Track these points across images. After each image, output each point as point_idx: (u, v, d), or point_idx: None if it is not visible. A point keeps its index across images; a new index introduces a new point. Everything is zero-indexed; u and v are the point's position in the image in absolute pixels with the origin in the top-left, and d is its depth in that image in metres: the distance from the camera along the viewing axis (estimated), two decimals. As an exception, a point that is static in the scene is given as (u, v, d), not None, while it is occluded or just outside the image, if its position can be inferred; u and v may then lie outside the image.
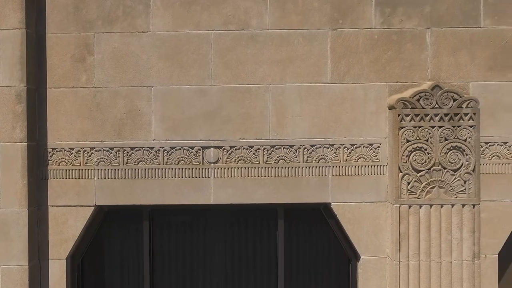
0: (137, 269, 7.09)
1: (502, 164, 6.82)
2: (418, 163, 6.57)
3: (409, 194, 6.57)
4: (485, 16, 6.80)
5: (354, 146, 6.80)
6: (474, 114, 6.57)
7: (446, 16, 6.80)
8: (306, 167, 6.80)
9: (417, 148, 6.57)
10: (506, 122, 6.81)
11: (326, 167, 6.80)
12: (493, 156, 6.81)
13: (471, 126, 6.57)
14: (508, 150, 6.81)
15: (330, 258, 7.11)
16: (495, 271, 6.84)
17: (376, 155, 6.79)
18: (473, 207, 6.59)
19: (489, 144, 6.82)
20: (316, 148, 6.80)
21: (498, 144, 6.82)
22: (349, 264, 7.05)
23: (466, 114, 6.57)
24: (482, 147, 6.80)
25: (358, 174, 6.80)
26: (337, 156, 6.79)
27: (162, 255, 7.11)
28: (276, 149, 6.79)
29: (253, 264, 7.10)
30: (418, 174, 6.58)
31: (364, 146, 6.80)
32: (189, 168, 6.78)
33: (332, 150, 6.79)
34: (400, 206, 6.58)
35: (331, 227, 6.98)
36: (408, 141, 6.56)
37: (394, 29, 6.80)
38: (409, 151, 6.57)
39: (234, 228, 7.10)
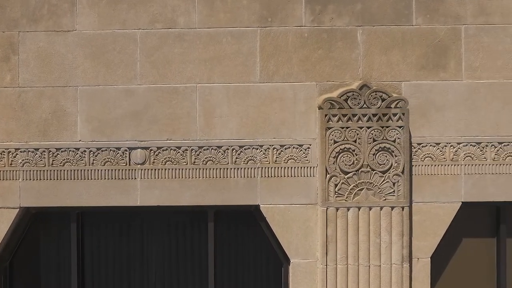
0: (68, 272, 6.96)
1: (435, 165, 6.66)
2: (345, 165, 6.42)
3: (336, 197, 6.43)
4: (417, 14, 6.65)
5: (284, 147, 6.66)
6: (403, 114, 6.43)
7: (378, 14, 6.66)
8: (234, 169, 6.66)
9: (345, 149, 6.43)
10: (439, 123, 6.66)
11: (255, 168, 6.66)
12: (426, 157, 6.66)
13: (400, 127, 6.43)
14: (441, 151, 6.66)
15: (263, 261, 6.97)
16: (428, 275, 6.69)
17: (306, 157, 6.65)
18: (402, 209, 6.45)
19: (422, 145, 6.66)
20: (245, 149, 6.66)
21: (430, 145, 6.66)
22: (282, 267, 6.91)
23: (395, 115, 6.43)
24: (414, 148, 6.65)
25: (288, 176, 6.66)
26: (266, 157, 6.66)
27: (92, 257, 6.99)
28: (204, 150, 6.66)
29: (185, 269, 6.97)
30: (346, 176, 6.44)
31: (293, 147, 6.66)
32: (115, 169, 6.66)
33: (261, 151, 6.66)
34: (327, 208, 6.44)
35: (263, 229, 6.84)
36: (335, 142, 6.42)
37: (324, 27, 6.66)
38: (336, 152, 6.43)
39: (165, 230, 6.97)
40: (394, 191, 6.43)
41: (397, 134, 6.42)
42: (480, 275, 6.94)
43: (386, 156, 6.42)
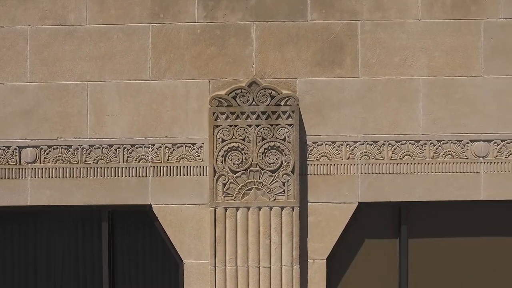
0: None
1: (331, 164, 6.51)
2: (234, 164, 6.28)
3: (225, 196, 6.29)
4: (312, 10, 6.49)
5: (176, 146, 6.52)
6: (293, 112, 6.28)
7: (272, 9, 6.50)
8: (126, 168, 6.53)
9: (233, 147, 6.29)
10: (335, 121, 6.50)
11: (146, 167, 6.53)
12: (322, 156, 6.51)
13: (290, 125, 6.28)
14: (337, 150, 6.50)
15: (159, 262, 6.83)
16: (324, 277, 6.54)
17: (199, 155, 6.51)
18: (293, 210, 6.30)
19: (317, 143, 6.51)
20: (136, 148, 6.53)
21: (326, 144, 6.51)
22: (179, 268, 6.77)
23: (284, 112, 6.28)
24: (310, 146, 6.49)
25: (181, 175, 6.52)
26: (158, 156, 6.52)
27: (-12, 258, 6.90)
28: (95, 148, 6.53)
29: (78, 270, 6.84)
30: (235, 175, 6.29)
31: (186, 146, 6.52)
32: (5, 169, 6.54)
33: (153, 150, 6.52)
34: (215, 208, 6.30)
35: (158, 230, 6.70)
36: (223, 140, 6.28)
37: (217, 23, 6.51)
38: (225, 151, 6.29)
39: (58, 231, 6.83)
40: (284, 191, 6.28)
41: (286, 132, 6.27)
42: (382, 276, 6.78)
43: (275, 155, 6.28)
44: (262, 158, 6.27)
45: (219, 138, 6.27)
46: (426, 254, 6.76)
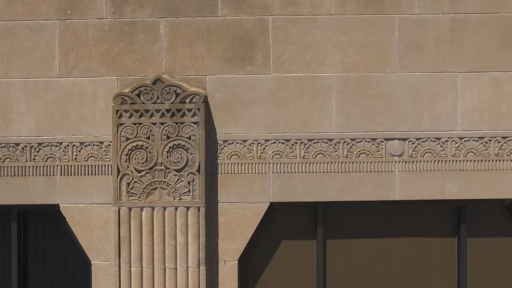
0: None
1: (242, 163, 6.35)
2: (138, 163, 6.14)
3: (129, 196, 6.15)
4: (222, 5, 6.34)
5: (84, 145, 6.39)
6: (198, 109, 6.13)
7: (182, 5, 6.36)
8: (33, 167, 6.41)
9: (138, 146, 6.14)
10: (246, 119, 6.35)
11: (54, 166, 6.40)
12: (233, 155, 6.35)
13: (195, 123, 6.13)
14: (248, 149, 6.35)
15: (70, 263, 6.69)
16: (235, 278, 6.38)
17: (107, 154, 6.37)
18: (199, 210, 6.14)
19: (228, 142, 6.36)
20: (44, 147, 6.40)
21: (237, 142, 6.35)
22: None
23: (189, 110, 6.13)
24: (220, 145, 6.34)
25: (89, 174, 6.39)
26: (65, 155, 6.39)
27: None
28: (1, 147, 6.41)
29: (-8, 269, 6.74)
30: (139, 175, 6.15)
31: (94, 144, 6.38)
32: None
33: (61, 148, 6.39)
34: (119, 208, 6.16)
35: (68, 230, 6.57)
36: (127, 139, 6.14)
37: (126, 19, 6.38)
38: (129, 150, 6.15)
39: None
40: (189, 191, 6.14)
41: (192, 130, 6.12)
42: (300, 278, 6.62)
43: (180, 154, 6.13)
44: (167, 157, 6.13)
45: (123, 137, 6.14)
46: (344, 255, 6.60)
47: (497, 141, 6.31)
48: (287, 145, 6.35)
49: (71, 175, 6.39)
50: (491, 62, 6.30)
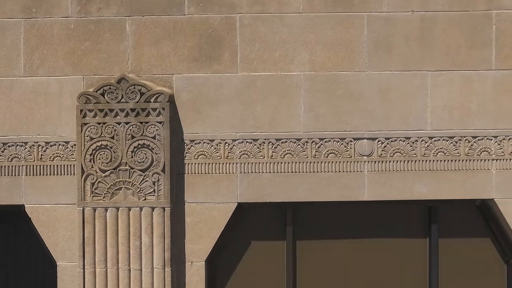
0: None
1: (209, 163, 6.28)
2: (103, 163, 6.07)
3: (93, 196, 6.08)
4: (189, 3, 6.27)
5: (49, 144, 6.31)
6: (163, 109, 6.06)
7: (148, 3, 6.29)
8: (-2, 167, 6.33)
9: (102, 146, 6.07)
10: (213, 118, 6.27)
11: (19, 166, 6.33)
12: (200, 155, 6.28)
13: (160, 122, 6.06)
14: (215, 149, 6.27)
15: (36, 264, 6.62)
16: (202, 279, 6.31)
17: (73, 154, 6.30)
18: (164, 210, 6.07)
19: (195, 142, 6.28)
20: (9, 146, 6.33)
21: (204, 142, 6.28)
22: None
23: (154, 109, 6.06)
24: (187, 145, 6.27)
25: (54, 174, 6.31)
26: (31, 155, 6.32)
27: None
28: (-34, 147, 6.34)
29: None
30: (104, 175, 6.08)
31: (59, 144, 6.31)
32: None
33: (26, 148, 6.32)
34: (83, 209, 6.09)
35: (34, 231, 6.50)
36: (92, 138, 6.07)
37: (92, 17, 6.30)
38: (93, 150, 6.08)
39: None
40: (154, 191, 6.06)
41: (157, 130, 6.05)
42: (270, 279, 6.55)
43: (145, 154, 6.05)
44: (132, 157, 6.06)
45: (87, 136, 6.06)
46: (314, 255, 6.53)
47: (467, 141, 6.23)
48: (255, 144, 6.27)
49: (37, 175, 6.32)
50: (461, 61, 6.22)
